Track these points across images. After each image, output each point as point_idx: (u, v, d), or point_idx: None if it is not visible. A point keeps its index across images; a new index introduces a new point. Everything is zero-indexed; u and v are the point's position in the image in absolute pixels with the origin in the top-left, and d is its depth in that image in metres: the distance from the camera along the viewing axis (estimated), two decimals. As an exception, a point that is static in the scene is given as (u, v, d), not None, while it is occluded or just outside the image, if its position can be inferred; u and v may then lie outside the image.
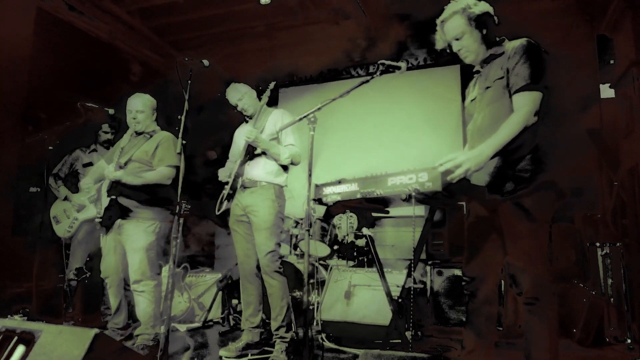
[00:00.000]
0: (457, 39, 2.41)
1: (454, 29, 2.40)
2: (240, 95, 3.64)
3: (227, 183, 3.56)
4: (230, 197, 3.55)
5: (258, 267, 3.54)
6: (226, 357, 3.36)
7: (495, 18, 2.39)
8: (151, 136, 3.65)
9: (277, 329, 3.41)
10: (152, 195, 3.54)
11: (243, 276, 3.60)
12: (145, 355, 3.31)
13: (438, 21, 2.46)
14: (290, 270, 4.27)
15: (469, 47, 2.41)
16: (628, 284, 3.88)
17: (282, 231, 4.56)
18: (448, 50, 2.50)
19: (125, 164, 3.54)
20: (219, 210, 3.57)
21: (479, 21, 2.35)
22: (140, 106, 3.62)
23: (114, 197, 3.46)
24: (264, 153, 3.51)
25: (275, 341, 3.41)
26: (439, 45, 2.51)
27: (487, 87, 2.38)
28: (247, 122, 3.75)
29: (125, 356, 1.98)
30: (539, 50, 2.24)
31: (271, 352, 3.38)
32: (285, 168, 3.59)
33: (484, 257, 2.42)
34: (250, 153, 3.53)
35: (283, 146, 3.53)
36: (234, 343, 3.48)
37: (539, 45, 2.26)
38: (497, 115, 2.25)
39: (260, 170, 3.51)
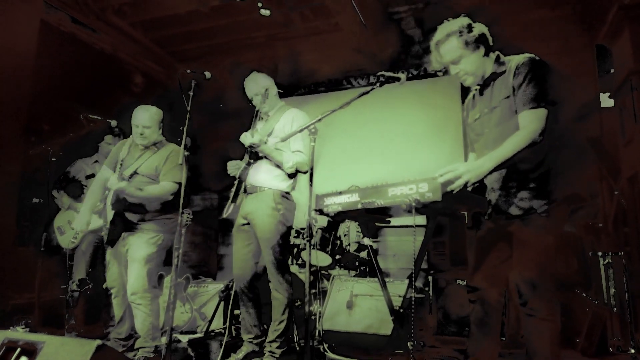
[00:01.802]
0: (455, 63, 2.37)
1: (450, 53, 2.35)
2: (258, 89, 3.43)
3: (232, 185, 3.44)
4: (235, 199, 3.40)
5: (254, 278, 3.44)
6: None
7: (490, 38, 2.38)
8: (158, 148, 3.62)
9: (271, 342, 3.33)
10: (155, 208, 3.53)
11: (239, 286, 3.48)
12: None
13: (432, 43, 2.41)
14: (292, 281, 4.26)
15: (468, 71, 2.37)
16: (631, 293, 3.86)
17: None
18: (442, 72, 2.49)
19: (131, 176, 3.51)
20: (225, 213, 3.41)
21: (477, 44, 2.32)
22: (147, 121, 3.53)
23: (119, 210, 3.46)
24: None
25: (265, 353, 3.33)
26: (434, 66, 2.47)
27: (494, 107, 2.36)
28: (262, 118, 3.56)
29: (127, 368, 1.98)
30: (543, 68, 2.23)
31: None
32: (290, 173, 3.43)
33: (490, 268, 2.42)
34: (255, 156, 3.38)
35: (290, 152, 3.36)
36: (235, 354, 3.42)
37: (543, 61, 2.25)
38: (508, 134, 2.23)
39: (262, 175, 3.38)
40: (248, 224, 3.42)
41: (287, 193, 3.44)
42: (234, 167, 3.42)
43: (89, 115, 4.11)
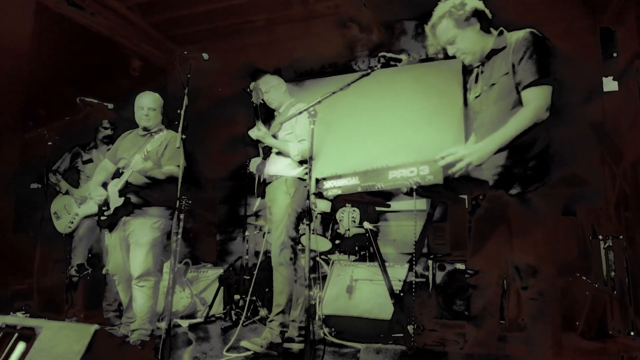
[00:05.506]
0: (451, 43, 2.34)
1: (444, 34, 2.33)
2: (266, 87, 3.64)
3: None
4: (259, 193, 3.64)
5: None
6: (246, 349, 3.22)
7: (487, 11, 2.32)
8: (156, 134, 3.64)
9: (271, 321, 3.38)
10: (159, 194, 3.58)
11: (273, 265, 3.51)
12: (143, 350, 3.30)
13: (427, 27, 2.40)
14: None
15: (465, 49, 2.34)
16: (630, 277, 3.86)
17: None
18: (442, 55, 2.45)
19: None
20: (255, 208, 3.81)
21: (470, 21, 2.28)
22: (152, 104, 3.69)
23: (128, 196, 3.51)
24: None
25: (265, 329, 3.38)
26: (432, 50, 2.45)
27: (493, 84, 2.31)
28: (275, 116, 3.77)
29: (125, 351, 1.98)
30: (544, 42, 2.17)
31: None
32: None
33: (490, 251, 2.40)
34: (267, 149, 3.61)
35: (297, 141, 3.48)
36: (259, 338, 3.31)
37: (543, 36, 2.20)
38: (505, 112, 2.20)
39: (276, 164, 3.57)
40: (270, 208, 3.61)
41: (302, 179, 3.53)
42: (253, 164, 3.71)
43: (85, 98, 4.07)
